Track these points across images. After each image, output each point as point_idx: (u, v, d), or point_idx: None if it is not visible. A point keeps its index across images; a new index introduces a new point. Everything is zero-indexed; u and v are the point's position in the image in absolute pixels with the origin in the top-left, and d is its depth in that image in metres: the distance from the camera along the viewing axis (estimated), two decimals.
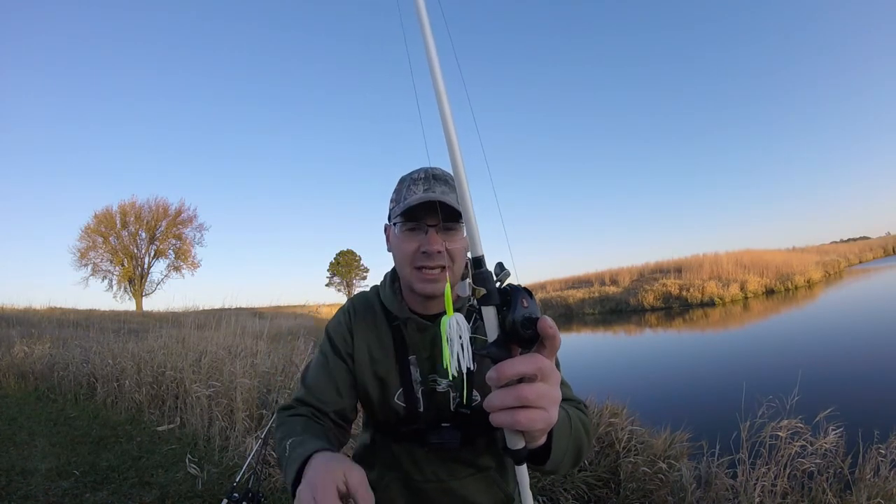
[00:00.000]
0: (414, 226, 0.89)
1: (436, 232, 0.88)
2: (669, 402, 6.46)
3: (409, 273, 0.90)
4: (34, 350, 7.67)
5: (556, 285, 29.30)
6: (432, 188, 0.88)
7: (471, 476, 0.97)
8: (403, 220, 0.89)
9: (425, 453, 0.95)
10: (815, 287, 20.37)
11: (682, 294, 20.07)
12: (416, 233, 0.89)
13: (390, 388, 0.95)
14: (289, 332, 9.58)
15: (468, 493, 0.96)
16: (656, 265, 25.32)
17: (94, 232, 28.59)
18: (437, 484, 0.96)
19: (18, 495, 3.14)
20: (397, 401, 0.94)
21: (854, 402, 5.10)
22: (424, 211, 0.87)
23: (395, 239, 0.92)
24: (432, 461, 0.96)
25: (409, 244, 0.89)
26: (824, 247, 34.13)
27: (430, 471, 0.96)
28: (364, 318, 0.99)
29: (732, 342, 11.52)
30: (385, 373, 0.95)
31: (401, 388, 0.94)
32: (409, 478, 0.97)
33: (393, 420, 0.96)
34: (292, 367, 4.57)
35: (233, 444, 3.88)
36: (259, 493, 2.00)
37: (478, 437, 0.95)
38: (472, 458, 0.97)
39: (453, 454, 0.95)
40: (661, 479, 3.07)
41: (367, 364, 0.96)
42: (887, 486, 2.53)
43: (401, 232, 0.90)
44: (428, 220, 0.88)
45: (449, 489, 0.96)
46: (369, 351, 0.97)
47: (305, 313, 23.99)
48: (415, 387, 0.94)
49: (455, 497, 0.96)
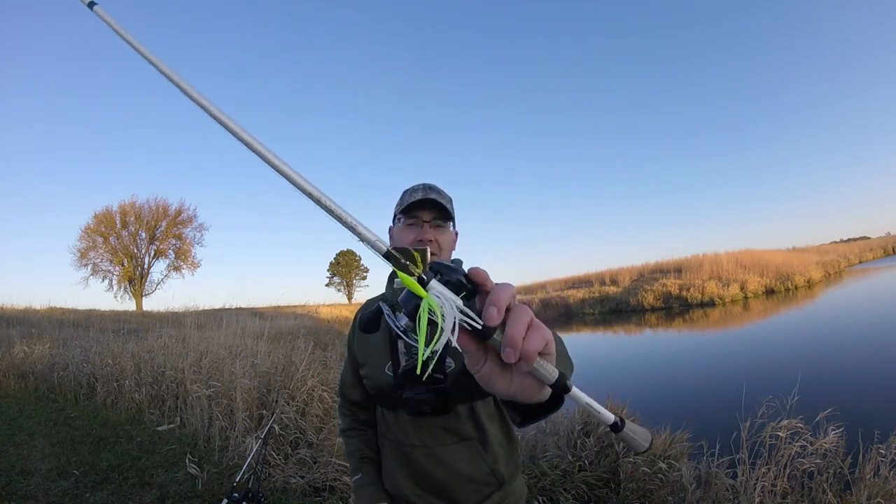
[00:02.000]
0: (412, 221, 1.11)
1: (429, 226, 1.10)
2: (669, 402, 6.46)
3: None
4: (34, 350, 7.67)
5: (556, 285, 29.30)
6: (427, 193, 1.11)
7: (454, 444, 1.07)
8: (404, 216, 1.12)
9: (411, 419, 1.07)
10: (815, 287, 20.37)
11: (682, 294, 20.06)
12: (414, 227, 1.11)
13: (381, 362, 1.10)
14: (289, 332, 9.58)
15: (453, 461, 1.06)
16: (656, 265, 25.31)
17: (94, 232, 28.57)
18: (422, 449, 1.07)
19: (18, 495, 3.14)
20: (387, 371, 1.09)
21: (854, 402, 5.10)
22: (421, 210, 1.10)
23: (397, 233, 1.14)
24: (418, 427, 1.07)
25: (407, 235, 1.10)
26: (824, 247, 34.11)
27: (416, 437, 1.08)
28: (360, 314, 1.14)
29: (732, 342, 11.52)
30: (378, 350, 1.12)
31: (389, 361, 1.09)
32: (400, 444, 1.10)
33: (386, 389, 1.09)
34: (292, 367, 4.57)
35: (233, 444, 3.88)
36: (259, 492, 2.00)
37: (457, 403, 1.05)
38: (453, 426, 1.06)
39: (435, 421, 1.06)
40: (660, 479, 3.06)
41: (362, 348, 1.15)
42: (887, 486, 2.53)
43: (401, 227, 1.12)
44: (423, 217, 1.11)
45: (434, 455, 1.06)
46: (366, 340, 1.15)
47: (305, 313, 23.98)
48: (400, 358, 1.08)
49: (441, 464, 1.06)
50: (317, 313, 26.42)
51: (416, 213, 1.10)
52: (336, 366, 5.13)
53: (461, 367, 1.03)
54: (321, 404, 4.12)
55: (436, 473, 1.06)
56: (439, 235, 1.11)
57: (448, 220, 1.13)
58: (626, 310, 20.97)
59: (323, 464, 3.31)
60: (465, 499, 1.07)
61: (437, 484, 1.07)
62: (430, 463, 1.06)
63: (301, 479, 3.22)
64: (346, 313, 29.12)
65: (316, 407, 4.06)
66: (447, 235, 1.13)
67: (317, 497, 3.12)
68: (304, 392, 4.16)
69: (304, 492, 3.15)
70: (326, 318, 24.65)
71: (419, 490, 1.08)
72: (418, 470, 1.08)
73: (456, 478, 1.06)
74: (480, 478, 1.07)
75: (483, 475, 1.07)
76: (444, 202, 1.11)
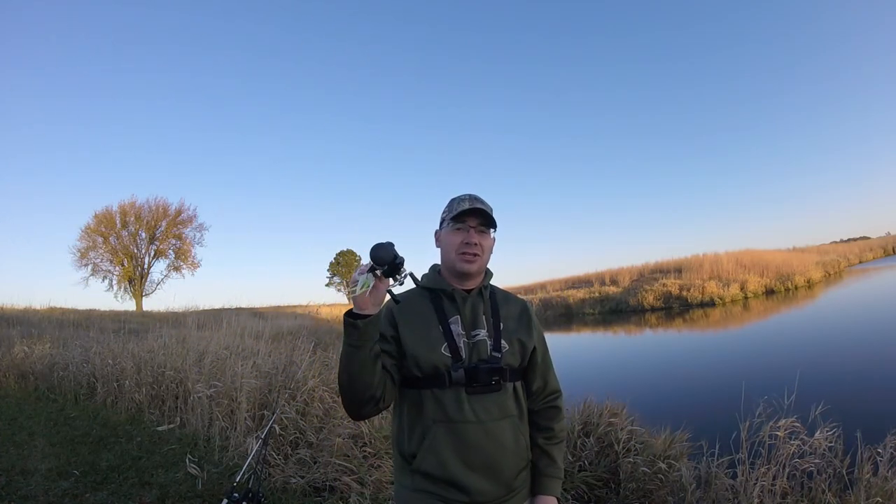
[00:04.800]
0: (460, 226, 1.26)
1: (475, 231, 1.25)
2: (669, 402, 6.46)
3: (454, 257, 1.25)
4: (34, 350, 7.67)
5: (556, 285, 29.29)
6: (475, 203, 1.25)
7: (503, 419, 1.19)
8: (453, 222, 1.26)
9: (468, 396, 1.17)
10: (815, 287, 20.38)
11: (682, 294, 20.05)
12: (461, 231, 1.25)
13: (437, 344, 1.20)
14: (289, 332, 9.59)
15: (501, 435, 1.18)
16: (656, 265, 25.30)
17: (94, 232, 28.54)
18: (476, 425, 1.16)
19: (18, 495, 3.14)
20: (444, 352, 1.19)
21: (853, 401, 5.10)
22: (468, 216, 1.25)
23: (445, 235, 1.29)
24: (473, 403, 1.17)
25: (455, 237, 1.25)
26: (824, 247, 34.09)
27: (470, 412, 1.16)
28: (403, 307, 1.25)
29: (732, 342, 11.53)
30: (432, 335, 1.22)
31: (445, 342, 1.20)
32: (452, 422, 1.16)
33: (443, 368, 1.18)
34: (293, 367, 4.58)
35: (233, 444, 3.88)
36: (259, 492, 2.01)
37: (507, 380, 1.21)
38: (502, 402, 1.20)
39: (489, 397, 1.18)
40: (660, 479, 3.07)
41: (415, 335, 1.22)
42: (886, 485, 2.53)
43: (450, 231, 1.27)
44: (470, 223, 1.25)
45: (487, 430, 1.16)
46: (415, 326, 1.23)
47: (306, 313, 23.99)
48: (457, 339, 1.21)
49: (491, 438, 1.17)
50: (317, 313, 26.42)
51: (464, 219, 1.24)
52: (337, 366, 5.12)
53: (510, 349, 1.23)
54: (322, 404, 4.12)
55: (487, 447, 1.16)
56: (482, 240, 1.26)
57: (490, 227, 1.28)
58: (626, 310, 20.97)
59: (323, 464, 3.32)
60: (507, 472, 1.19)
61: (485, 458, 1.16)
62: (482, 437, 1.16)
63: (301, 479, 3.22)
64: None
65: (316, 407, 4.06)
66: (488, 240, 1.28)
67: (317, 497, 3.12)
68: (305, 392, 4.16)
69: (304, 492, 3.15)
70: (327, 318, 24.62)
71: (464, 468, 1.15)
72: (470, 445, 1.15)
73: (503, 452, 1.18)
74: (519, 452, 1.22)
75: (522, 449, 1.23)
76: (488, 211, 1.26)
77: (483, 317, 1.25)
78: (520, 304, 1.35)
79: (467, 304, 1.26)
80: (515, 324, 1.29)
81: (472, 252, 1.23)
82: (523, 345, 1.26)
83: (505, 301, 1.33)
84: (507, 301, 1.33)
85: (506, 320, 1.27)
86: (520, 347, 1.25)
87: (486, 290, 1.30)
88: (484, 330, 1.23)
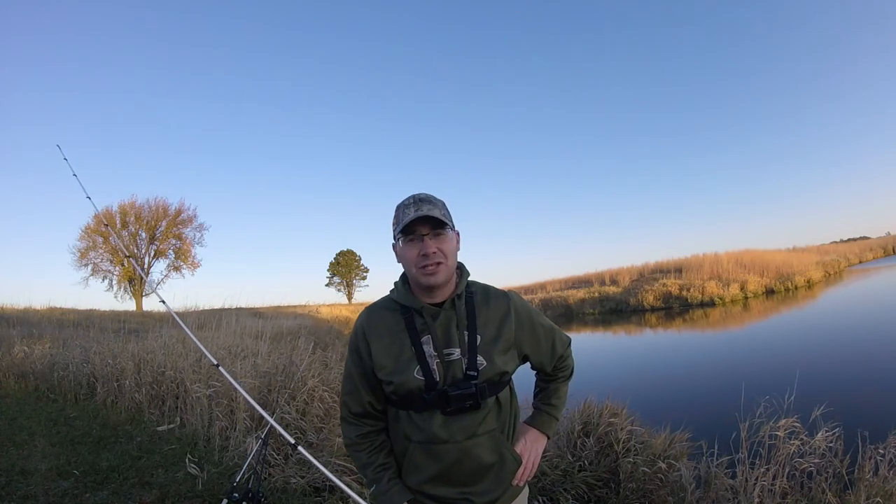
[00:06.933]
0: (412, 237, 1.16)
1: (429, 238, 1.14)
2: (669, 402, 6.46)
3: (415, 272, 1.16)
4: (34, 350, 7.66)
5: (556, 285, 29.32)
6: (420, 208, 1.14)
7: (482, 436, 1.17)
8: (403, 235, 1.16)
9: (445, 418, 1.14)
10: (815, 287, 20.38)
11: (682, 294, 20.06)
12: (415, 242, 1.16)
13: (409, 367, 1.15)
14: (289, 332, 9.58)
15: (480, 452, 1.17)
16: (656, 265, 25.32)
17: (94, 232, 28.54)
18: (454, 445, 1.15)
19: (18, 495, 3.14)
20: (417, 375, 1.14)
21: (853, 401, 5.11)
22: (417, 225, 1.14)
23: (401, 250, 1.19)
24: (451, 424, 1.14)
25: (411, 251, 1.16)
26: (824, 247, 34.10)
27: (445, 433, 1.14)
28: (376, 325, 1.21)
29: (732, 342, 11.53)
30: (403, 356, 1.16)
31: (418, 365, 1.14)
32: (430, 442, 1.15)
33: (416, 392, 1.14)
34: (293, 367, 4.58)
35: (233, 444, 3.88)
36: (259, 493, 2.01)
37: (485, 398, 1.16)
38: (481, 419, 1.17)
39: (468, 417, 1.15)
40: (660, 479, 3.07)
41: (386, 356, 1.18)
42: (886, 485, 2.53)
43: (404, 244, 1.17)
44: (421, 231, 1.15)
45: (464, 448, 1.15)
46: (386, 346, 1.18)
47: (306, 313, 24.00)
48: (429, 361, 1.15)
49: (469, 456, 1.16)
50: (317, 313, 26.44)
51: (414, 228, 1.15)
52: (336, 366, 5.13)
53: (488, 365, 1.16)
54: (321, 404, 4.12)
55: (466, 465, 1.16)
56: (441, 245, 1.15)
57: (445, 227, 1.16)
58: (626, 310, 20.98)
59: (323, 464, 3.31)
60: (491, 483, 1.19)
61: (464, 476, 1.17)
62: (460, 456, 1.15)
63: (301, 479, 3.22)
64: (346, 313, 29.13)
65: (316, 407, 4.06)
66: (449, 242, 1.18)
67: (317, 497, 3.12)
68: (305, 392, 4.16)
69: (304, 492, 3.15)
70: (326, 319, 24.65)
71: (445, 485, 1.17)
72: (448, 464, 1.15)
73: (482, 468, 1.18)
74: (503, 463, 1.21)
75: (506, 460, 1.21)
76: (437, 214, 1.14)
77: (456, 333, 1.15)
78: (502, 301, 1.23)
79: (438, 321, 1.16)
80: (496, 329, 1.19)
81: (433, 262, 1.13)
82: (505, 353, 1.19)
83: (485, 303, 1.21)
84: (486, 302, 1.22)
85: (485, 327, 1.18)
86: (501, 357, 1.18)
87: (461, 299, 1.19)
88: (458, 350, 1.15)
